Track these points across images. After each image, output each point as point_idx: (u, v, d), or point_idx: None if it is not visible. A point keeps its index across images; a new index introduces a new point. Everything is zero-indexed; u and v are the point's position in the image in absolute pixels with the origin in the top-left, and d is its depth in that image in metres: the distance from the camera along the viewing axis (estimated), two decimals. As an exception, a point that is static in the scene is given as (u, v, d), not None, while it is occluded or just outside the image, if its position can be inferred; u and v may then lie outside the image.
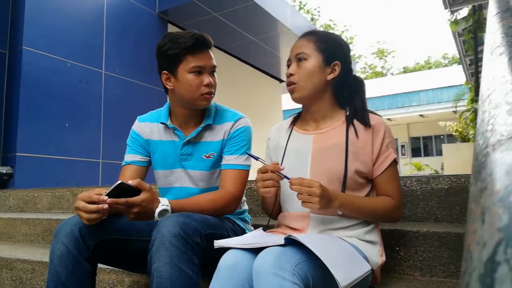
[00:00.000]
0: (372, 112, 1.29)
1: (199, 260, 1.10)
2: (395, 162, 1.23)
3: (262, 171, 1.14)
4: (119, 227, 1.24)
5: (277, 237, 1.10)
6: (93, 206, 1.10)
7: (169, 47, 1.33)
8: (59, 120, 4.35)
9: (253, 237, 1.13)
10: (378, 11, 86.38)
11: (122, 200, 1.10)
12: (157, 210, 1.16)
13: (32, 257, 1.90)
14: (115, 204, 1.10)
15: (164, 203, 1.19)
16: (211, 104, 1.46)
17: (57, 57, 4.37)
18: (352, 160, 1.20)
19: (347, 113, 1.28)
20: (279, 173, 1.13)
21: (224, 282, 0.98)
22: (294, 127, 1.37)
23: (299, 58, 1.26)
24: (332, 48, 1.27)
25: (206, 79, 1.34)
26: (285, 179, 1.13)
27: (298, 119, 1.40)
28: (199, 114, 1.44)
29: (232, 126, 1.43)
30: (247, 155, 1.42)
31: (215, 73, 1.40)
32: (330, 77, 1.26)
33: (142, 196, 1.13)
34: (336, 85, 1.29)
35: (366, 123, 1.23)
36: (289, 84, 1.29)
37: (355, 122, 1.25)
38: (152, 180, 1.58)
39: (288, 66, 1.31)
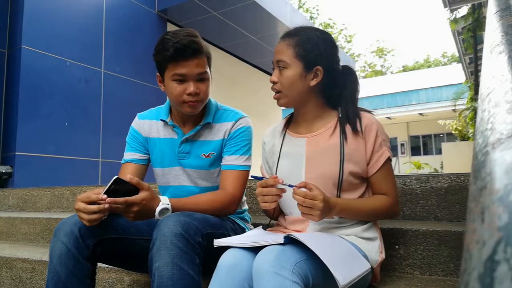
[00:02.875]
0: (364, 110, 1.26)
1: (200, 259, 1.09)
2: (389, 160, 1.23)
3: (262, 185, 1.14)
4: (119, 226, 1.24)
5: (277, 236, 1.10)
6: (93, 207, 1.09)
7: (157, 51, 1.30)
8: (59, 119, 4.34)
9: (252, 236, 1.13)
10: (377, 10, 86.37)
11: (122, 199, 1.09)
12: (158, 209, 1.16)
13: (32, 256, 1.90)
14: (114, 203, 1.09)
15: (164, 202, 1.18)
16: (211, 103, 1.45)
17: (56, 56, 4.36)
18: (346, 161, 1.19)
19: (340, 115, 1.25)
20: (282, 184, 1.12)
21: (223, 281, 0.98)
22: (288, 130, 1.35)
23: (280, 66, 1.24)
24: (313, 53, 1.21)
25: (190, 87, 1.29)
26: (289, 187, 1.12)
27: (291, 121, 1.38)
28: (198, 112, 1.43)
29: (233, 126, 1.41)
30: (247, 156, 1.41)
31: (205, 79, 1.33)
32: (313, 82, 1.23)
33: (142, 194, 1.13)
34: (323, 87, 1.26)
35: (358, 121, 1.21)
36: (273, 90, 1.27)
37: (347, 122, 1.23)
38: (152, 178, 1.58)
39: (273, 69, 1.28)
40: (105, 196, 1.09)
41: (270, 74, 1.30)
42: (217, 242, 1.08)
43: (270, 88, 1.27)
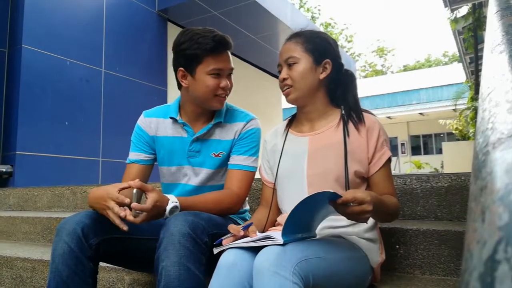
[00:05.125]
0: (366, 111, 1.28)
1: (206, 259, 1.09)
2: (389, 160, 1.24)
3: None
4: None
5: (275, 234, 1.09)
6: (122, 214, 1.10)
7: (189, 46, 1.30)
8: (59, 119, 4.34)
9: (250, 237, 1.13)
10: (378, 10, 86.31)
11: (148, 206, 1.09)
12: (168, 208, 1.16)
13: (32, 256, 1.90)
14: (141, 209, 1.10)
15: (173, 200, 1.18)
16: None
17: (57, 56, 4.36)
18: (350, 159, 1.19)
19: (343, 111, 1.27)
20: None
21: (224, 281, 0.98)
22: (290, 129, 1.36)
23: (289, 63, 1.26)
24: (321, 47, 1.26)
25: (223, 81, 1.33)
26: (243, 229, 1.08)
27: (293, 121, 1.39)
28: (209, 111, 1.43)
29: (244, 126, 1.42)
30: (255, 157, 1.42)
31: (231, 75, 1.39)
32: (322, 76, 1.26)
33: (153, 196, 1.12)
34: (329, 83, 1.29)
35: (361, 120, 1.23)
36: (283, 87, 1.28)
37: (350, 121, 1.25)
38: (156, 177, 1.58)
39: (279, 71, 1.30)
40: (132, 218, 1.10)
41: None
42: (217, 250, 1.07)
43: (280, 86, 1.30)
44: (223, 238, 1.11)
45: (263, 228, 1.31)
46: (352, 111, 1.26)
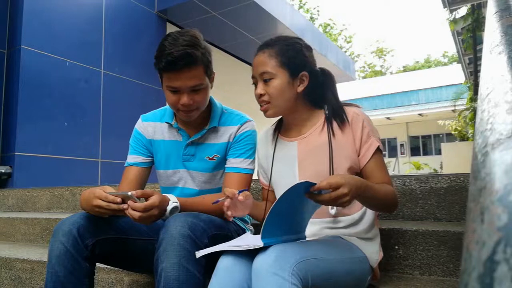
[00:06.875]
0: (349, 105, 1.26)
1: (206, 261, 1.09)
2: (379, 150, 1.20)
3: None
4: (118, 226, 1.24)
5: (256, 237, 1.08)
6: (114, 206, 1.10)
7: (155, 57, 1.27)
8: (58, 119, 4.34)
9: (235, 241, 1.13)
10: (377, 10, 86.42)
11: (141, 205, 1.08)
12: (169, 208, 1.16)
13: (31, 257, 1.90)
14: (134, 208, 1.08)
15: (174, 200, 1.18)
16: (217, 106, 1.45)
17: (56, 56, 4.36)
18: (339, 158, 1.18)
19: (326, 112, 1.25)
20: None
21: (222, 282, 0.98)
22: (279, 135, 1.35)
23: (265, 78, 1.21)
24: (295, 60, 1.22)
25: (183, 99, 1.27)
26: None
27: (281, 125, 1.37)
28: (204, 115, 1.42)
29: (238, 129, 1.42)
30: (251, 159, 1.41)
31: (200, 90, 1.29)
32: (300, 88, 1.23)
33: (156, 197, 1.11)
34: (307, 91, 1.26)
35: (343, 118, 1.21)
36: (261, 103, 1.24)
37: (334, 120, 1.23)
38: (154, 179, 1.58)
39: (254, 83, 1.25)
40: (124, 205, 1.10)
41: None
42: (199, 253, 1.05)
43: (257, 101, 1.25)
44: (219, 199, 1.11)
45: (262, 214, 1.31)
46: (334, 109, 1.24)
